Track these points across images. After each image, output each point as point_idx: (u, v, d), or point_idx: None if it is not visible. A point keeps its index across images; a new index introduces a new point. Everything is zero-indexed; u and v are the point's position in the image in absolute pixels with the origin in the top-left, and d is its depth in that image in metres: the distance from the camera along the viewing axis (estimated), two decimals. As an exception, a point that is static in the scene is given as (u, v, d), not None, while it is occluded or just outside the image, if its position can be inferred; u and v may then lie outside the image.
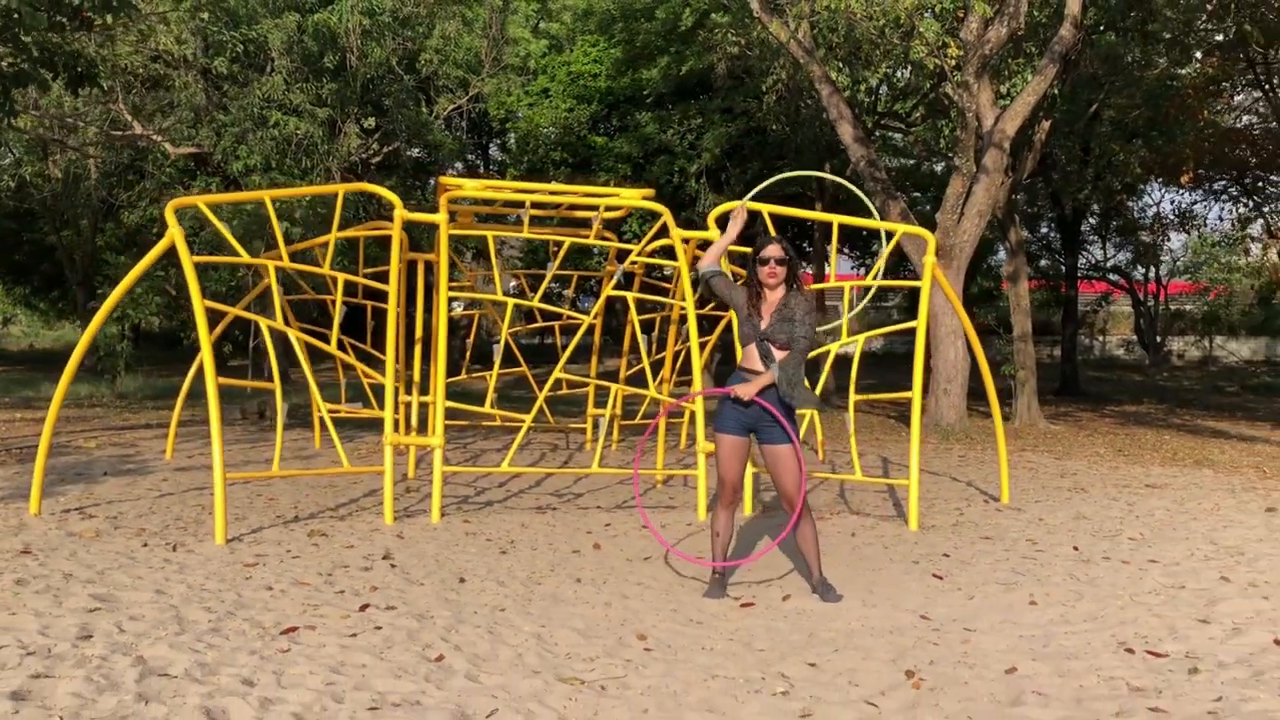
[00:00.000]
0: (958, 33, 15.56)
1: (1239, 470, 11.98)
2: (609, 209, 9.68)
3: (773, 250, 5.46)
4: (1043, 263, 35.71)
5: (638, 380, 12.51)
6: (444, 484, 7.84)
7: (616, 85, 27.76)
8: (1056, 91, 18.83)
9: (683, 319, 10.38)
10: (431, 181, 30.34)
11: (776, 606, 5.30)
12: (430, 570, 6.06)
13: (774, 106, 20.98)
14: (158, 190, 25.01)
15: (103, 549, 6.47)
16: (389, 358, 7.77)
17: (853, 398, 8.38)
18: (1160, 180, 27.53)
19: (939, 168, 28.67)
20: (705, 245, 8.99)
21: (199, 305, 7.02)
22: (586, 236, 10.11)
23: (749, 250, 5.91)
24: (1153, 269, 36.31)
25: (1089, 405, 22.25)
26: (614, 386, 10.10)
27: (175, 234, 7.22)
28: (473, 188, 9.16)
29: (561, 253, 9.17)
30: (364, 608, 5.17)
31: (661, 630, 4.86)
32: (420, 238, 30.95)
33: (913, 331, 7.92)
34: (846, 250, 35.59)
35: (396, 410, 7.98)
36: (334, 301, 8.35)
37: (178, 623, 4.81)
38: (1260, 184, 25.91)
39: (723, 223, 8.86)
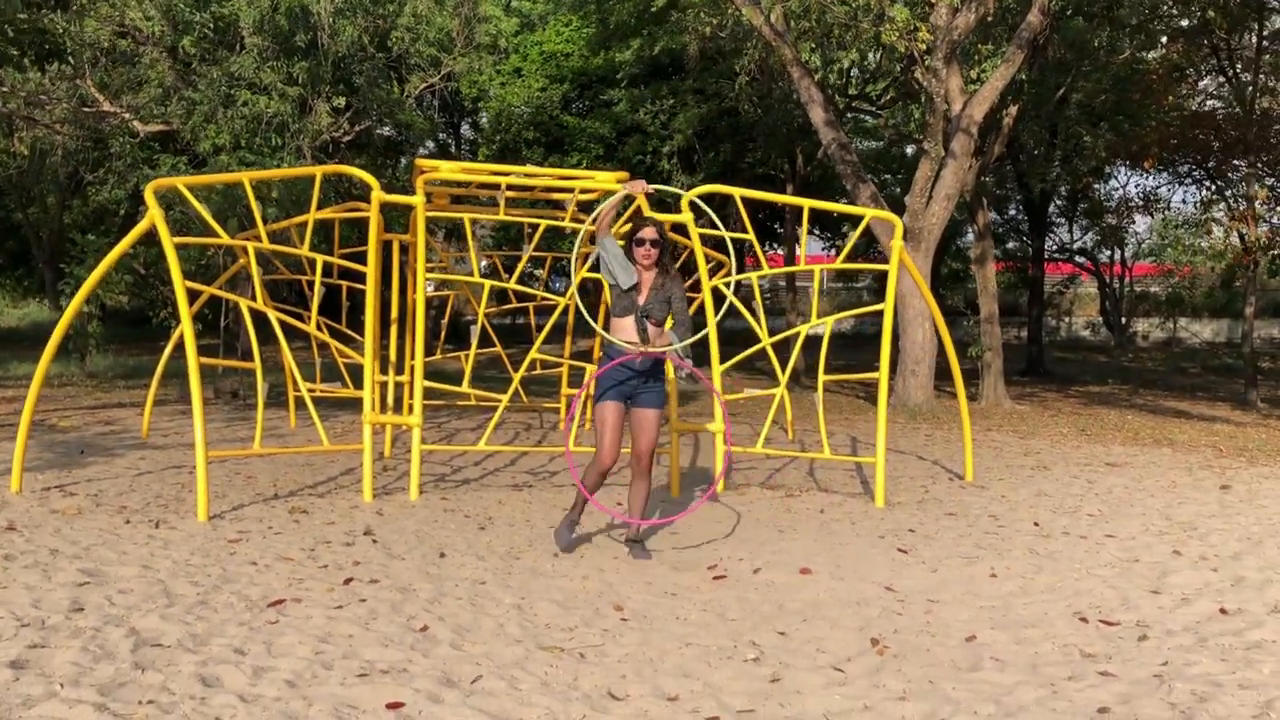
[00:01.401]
0: (928, 18, 15.74)
1: (1197, 449, 12.30)
2: (583, 191, 9.80)
3: (648, 232, 5.95)
4: (1010, 245, 36.13)
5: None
6: (421, 462, 7.97)
7: (589, 65, 27.81)
8: (1024, 77, 19.08)
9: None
10: (403, 161, 30.29)
11: (748, 579, 5.49)
12: (411, 546, 6.21)
13: (746, 88, 21.11)
14: (125, 168, 24.86)
15: (86, 526, 6.57)
16: (368, 337, 7.89)
17: (821, 378, 8.57)
18: (1126, 164, 27.88)
19: (909, 150, 28.91)
20: (678, 229, 9.14)
21: (180, 286, 7.11)
22: (561, 219, 10.23)
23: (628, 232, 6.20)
24: (1118, 251, 36.82)
25: (1054, 386, 22.62)
26: (589, 367, 10.23)
27: (155, 215, 7.30)
28: (449, 170, 9.25)
29: (537, 235, 9.30)
30: (348, 581, 5.31)
31: (637, 601, 5.04)
32: (394, 218, 30.91)
33: (881, 313, 8.12)
34: (817, 231, 35.83)
35: (373, 390, 8.08)
36: (310, 282, 8.43)
37: (166, 596, 4.94)
38: (1223, 168, 26.28)
39: (694, 206, 9.05)
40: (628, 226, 6.31)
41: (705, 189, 9.24)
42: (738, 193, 8.96)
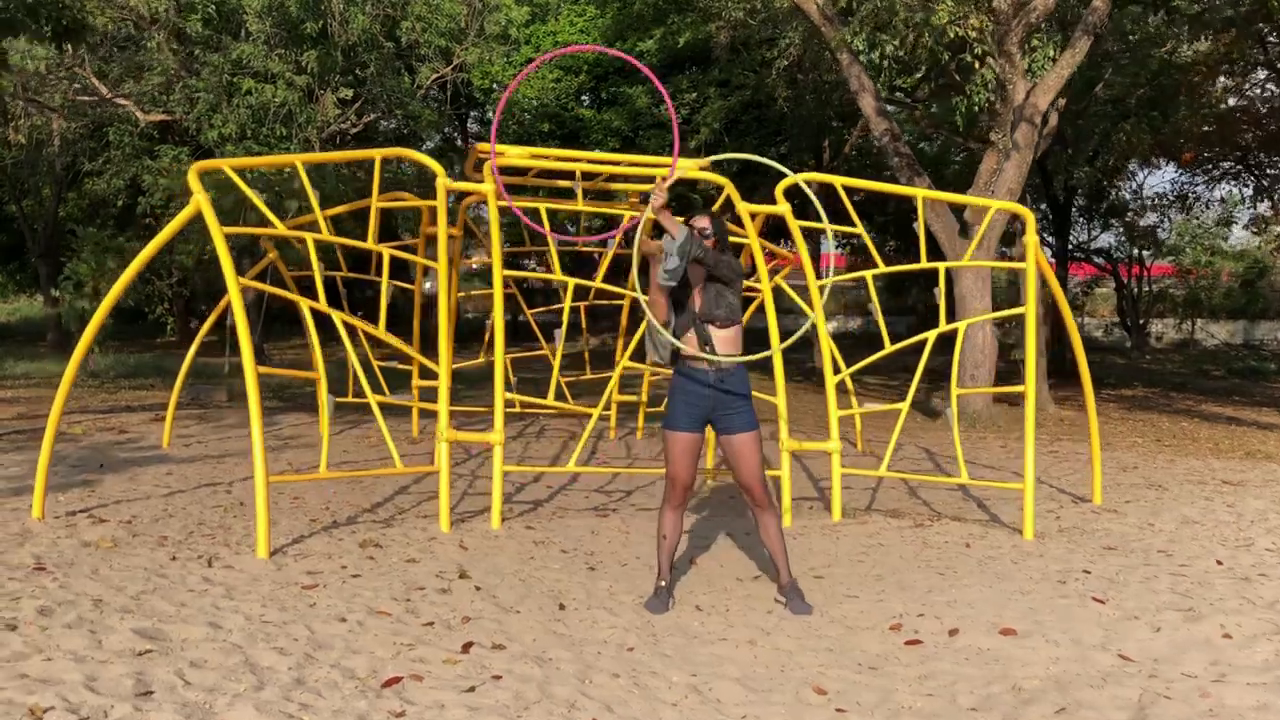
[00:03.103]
0: (985, 3, 14.79)
1: (1301, 463, 11.46)
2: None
3: (701, 222, 5.05)
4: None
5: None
6: (475, 483, 7.00)
7: (604, 56, 26.82)
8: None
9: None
10: (395, 161, 29.23)
11: (946, 644, 4.54)
12: (519, 593, 5.24)
13: (782, 75, 20.13)
14: (124, 158, 23.83)
15: (126, 564, 5.59)
16: (442, 342, 6.91)
17: (955, 390, 7.63)
18: (1161, 160, 27.04)
19: (933, 147, 27.99)
20: (771, 220, 8.18)
21: (233, 282, 6.11)
22: (632, 209, 9.27)
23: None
24: (1138, 251, 36.01)
25: (1075, 389, 21.69)
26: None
27: (201, 200, 6.31)
28: (516, 154, 8.28)
29: (622, 229, 8.31)
30: (467, 647, 4.35)
31: (834, 679, 4.09)
32: (405, 217, 29.82)
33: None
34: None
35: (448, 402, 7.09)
36: (372, 280, 7.44)
37: (251, 671, 3.97)
38: (1264, 165, 25.50)
39: (787, 193, 8.10)
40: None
41: (804, 176, 8.29)
42: (839, 181, 8.01)
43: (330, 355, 12.86)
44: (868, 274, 7.69)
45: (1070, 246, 33.71)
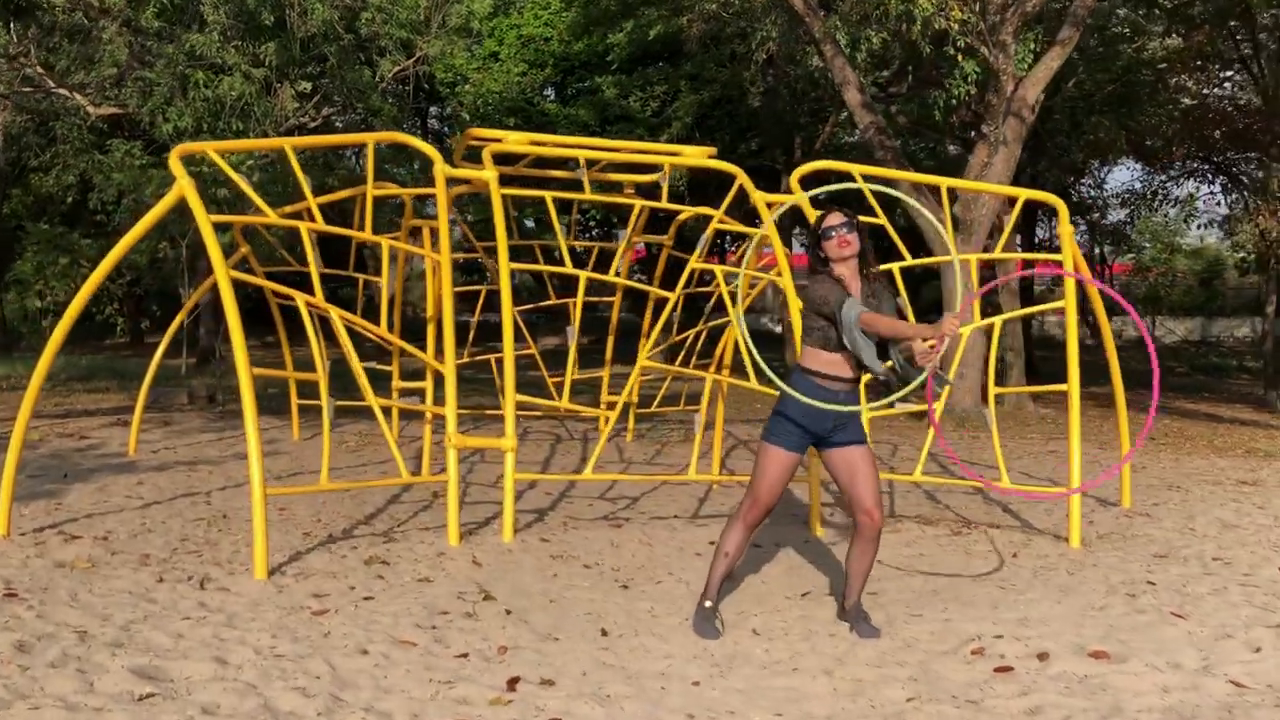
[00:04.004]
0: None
1: (1304, 461, 11.25)
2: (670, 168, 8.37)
3: (835, 218, 4.45)
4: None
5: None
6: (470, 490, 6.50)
7: (571, 50, 26.31)
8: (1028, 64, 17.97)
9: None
10: (351, 155, 28.62)
11: (1038, 670, 4.11)
12: (554, 616, 4.75)
13: (757, 72, 19.73)
14: (74, 153, 22.98)
15: (108, 587, 5.03)
16: (447, 339, 6.40)
17: (992, 390, 7.24)
18: (1127, 157, 27.00)
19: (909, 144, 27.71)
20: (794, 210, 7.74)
21: (223, 275, 5.56)
22: (648, 199, 8.78)
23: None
24: (1098, 250, 36.09)
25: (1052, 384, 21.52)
26: (695, 371, 8.71)
27: (185, 185, 5.75)
28: (515, 141, 7.79)
29: (633, 219, 7.86)
30: (513, 683, 3.85)
31: (931, 715, 3.64)
32: (381, 211, 29.11)
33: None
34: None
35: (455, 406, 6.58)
36: (373, 278, 6.90)
37: (273, 718, 3.46)
38: (1229, 161, 25.53)
39: (804, 183, 7.64)
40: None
41: (815, 165, 7.87)
42: (858, 170, 7.58)
43: (298, 355, 12.28)
44: (894, 266, 7.27)
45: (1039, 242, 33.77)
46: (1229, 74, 22.93)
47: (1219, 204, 27.97)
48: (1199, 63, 21.81)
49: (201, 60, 19.21)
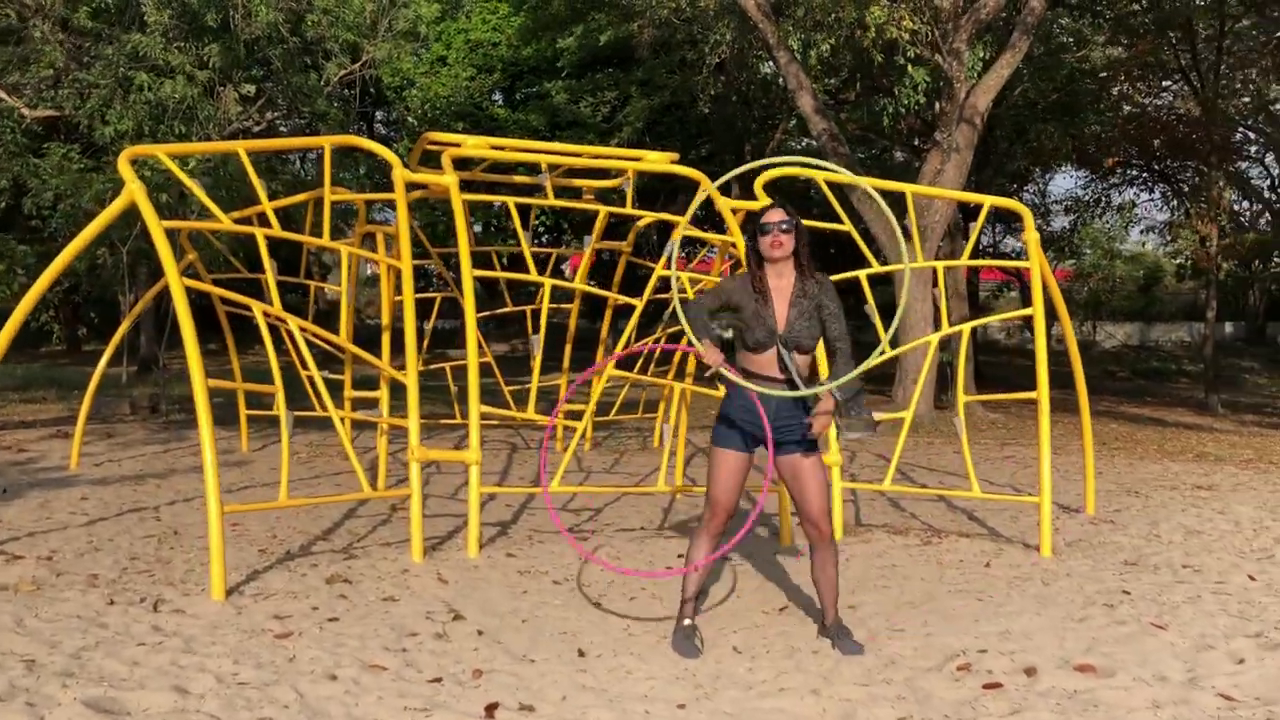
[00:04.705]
0: (918, 4, 14.54)
1: (1254, 463, 11.40)
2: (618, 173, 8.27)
3: (775, 215, 4.39)
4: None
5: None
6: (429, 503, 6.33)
7: (520, 55, 26.12)
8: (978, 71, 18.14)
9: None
10: (311, 154, 28.18)
11: (1027, 687, 4.04)
12: (528, 636, 4.59)
13: (710, 78, 19.69)
14: (7, 157, 22.33)
15: (56, 611, 4.79)
16: (409, 348, 6.21)
17: (961, 398, 7.19)
18: (1069, 164, 27.36)
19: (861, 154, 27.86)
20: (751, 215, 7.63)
21: (177, 284, 5.32)
22: (591, 204, 8.67)
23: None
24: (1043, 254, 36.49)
25: (999, 391, 21.73)
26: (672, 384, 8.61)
27: (135, 190, 5.52)
28: (475, 145, 7.62)
29: (598, 225, 7.71)
30: (491, 710, 3.70)
31: (927, 735, 3.55)
32: (338, 214, 28.66)
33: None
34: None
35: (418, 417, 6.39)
36: (325, 285, 6.67)
37: (241, 751, 3.27)
38: (1170, 169, 25.96)
39: (765, 187, 7.56)
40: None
41: (779, 171, 7.78)
42: (820, 175, 7.52)
43: (243, 362, 11.99)
44: (861, 274, 7.20)
45: (983, 250, 34.15)
46: (1169, 83, 23.28)
47: (1159, 211, 28.47)
48: (1141, 72, 22.15)
49: (143, 61, 18.76)
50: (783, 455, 4.43)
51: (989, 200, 7.40)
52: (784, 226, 4.35)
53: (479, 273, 6.96)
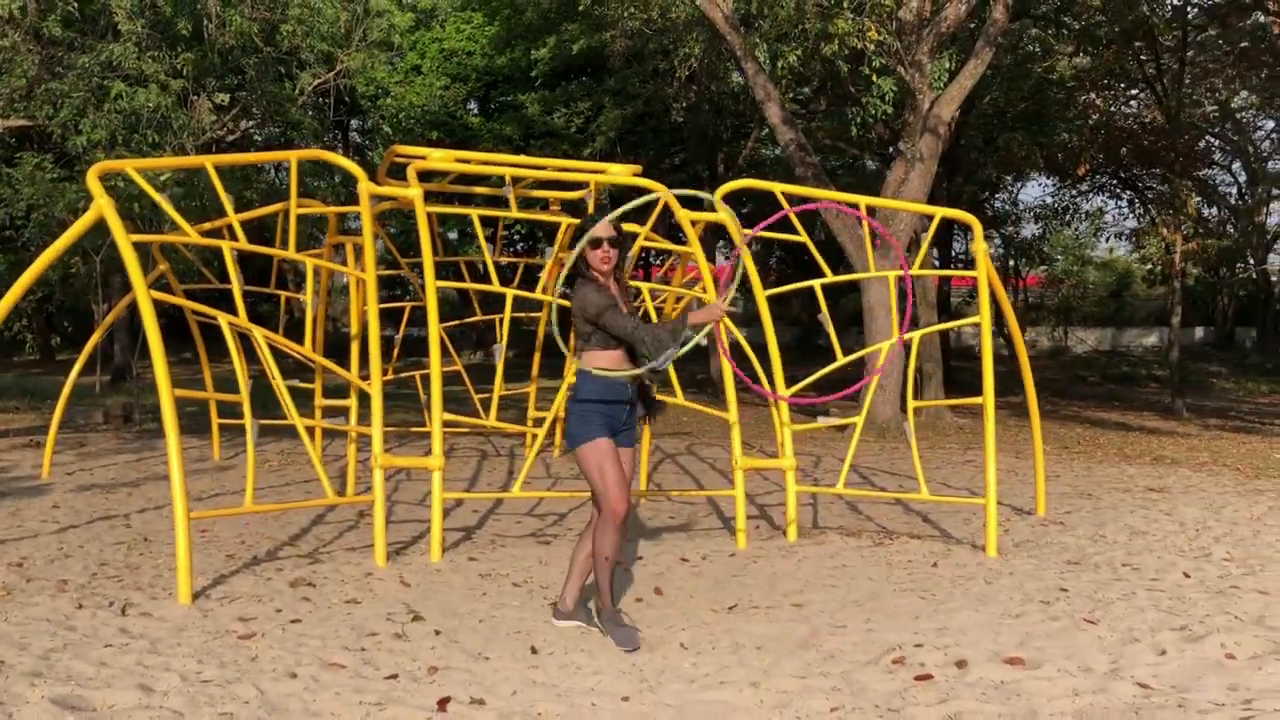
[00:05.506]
0: (882, 16, 14.81)
1: (1208, 466, 11.66)
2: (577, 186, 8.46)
3: (604, 230, 4.69)
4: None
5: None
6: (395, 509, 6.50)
7: (494, 64, 26.30)
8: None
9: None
10: (270, 169, 28.27)
11: (957, 678, 4.24)
12: (483, 635, 4.77)
13: (681, 89, 19.92)
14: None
15: (26, 615, 4.93)
16: (374, 359, 6.38)
17: (911, 404, 7.41)
18: (1037, 172, 27.74)
19: (835, 162, 28.18)
20: (716, 228, 7.85)
21: (144, 298, 5.48)
22: (557, 215, 8.84)
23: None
24: (1012, 262, 36.99)
25: (969, 396, 22.00)
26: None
27: (104, 205, 5.67)
28: (440, 158, 7.78)
29: (559, 236, 7.90)
30: (444, 704, 3.87)
31: (856, 723, 3.75)
32: (303, 231, 28.80)
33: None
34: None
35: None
36: (295, 295, 6.85)
37: (201, 744, 3.44)
38: (1136, 177, 26.37)
39: (728, 199, 7.78)
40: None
41: (737, 184, 8.02)
42: (779, 189, 7.74)
43: (215, 371, 12.11)
44: (816, 283, 7.42)
45: (955, 257, 34.51)
46: (1134, 93, 23.67)
47: (1127, 218, 28.90)
48: (1106, 81, 22.54)
49: (117, 70, 18.83)
50: (621, 450, 4.73)
51: (941, 211, 7.62)
52: (611, 242, 4.68)
53: (443, 284, 7.14)
